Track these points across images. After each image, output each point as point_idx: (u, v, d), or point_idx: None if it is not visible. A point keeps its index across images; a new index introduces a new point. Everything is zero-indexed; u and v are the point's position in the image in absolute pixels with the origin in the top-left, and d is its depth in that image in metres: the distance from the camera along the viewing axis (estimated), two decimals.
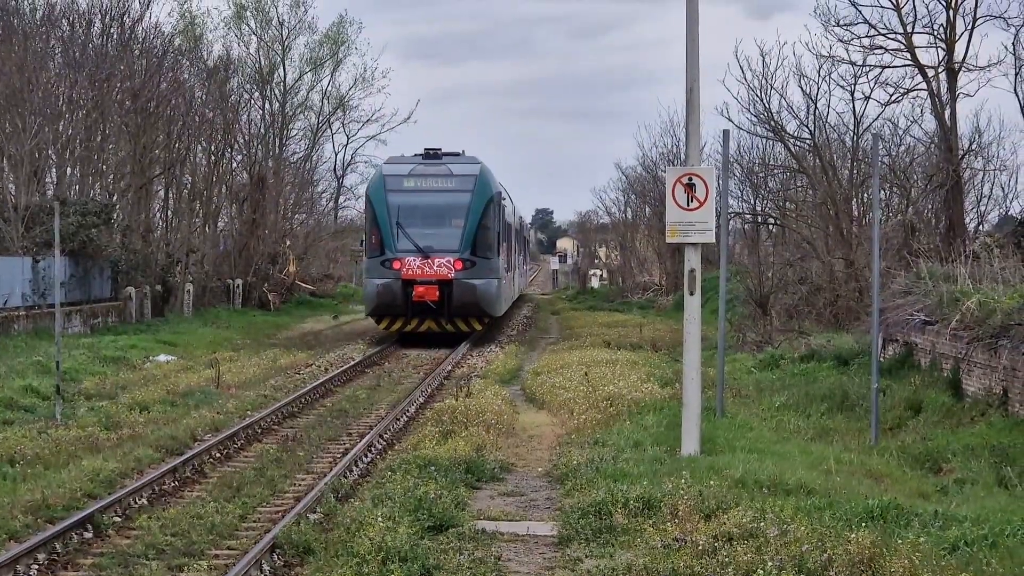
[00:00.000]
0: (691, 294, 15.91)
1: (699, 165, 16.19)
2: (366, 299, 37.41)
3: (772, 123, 36.07)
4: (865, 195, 34.73)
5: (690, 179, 15.88)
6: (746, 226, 46.62)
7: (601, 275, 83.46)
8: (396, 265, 35.76)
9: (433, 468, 15.22)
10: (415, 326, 36.41)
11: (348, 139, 78.78)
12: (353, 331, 42.01)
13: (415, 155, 38.11)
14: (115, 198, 41.20)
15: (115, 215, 39.81)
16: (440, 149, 37.96)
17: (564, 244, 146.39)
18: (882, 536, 11.00)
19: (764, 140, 41.81)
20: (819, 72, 36.76)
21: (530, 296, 70.92)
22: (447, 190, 36.90)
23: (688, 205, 15.85)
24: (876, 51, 33.04)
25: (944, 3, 32.35)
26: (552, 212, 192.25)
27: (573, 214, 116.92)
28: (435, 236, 36.22)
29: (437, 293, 35.55)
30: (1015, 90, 31.67)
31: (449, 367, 29.40)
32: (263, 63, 67.44)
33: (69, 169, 40.24)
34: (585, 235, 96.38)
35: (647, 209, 66.88)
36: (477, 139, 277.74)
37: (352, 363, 29.65)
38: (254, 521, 13.55)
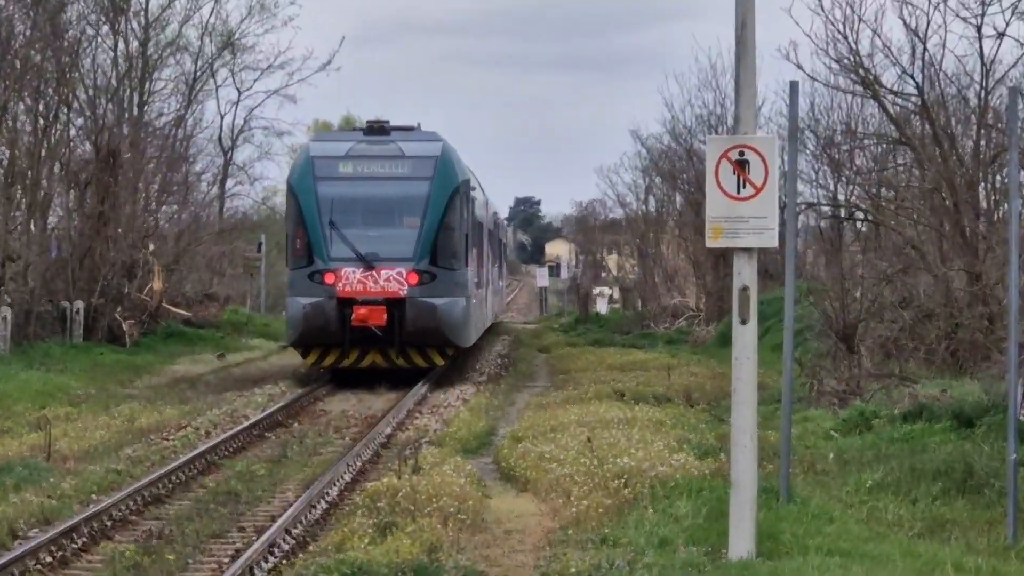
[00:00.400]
0: (743, 322, 15.95)
1: (755, 133, 16.25)
2: (289, 324, 38.71)
3: (861, 72, 36.20)
4: (998, 177, 34.86)
5: (741, 153, 15.93)
6: (823, 223, 46.79)
7: (611, 295, 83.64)
8: (329, 279, 37.02)
9: None
10: (354, 360, 37.62)
11: (240, 95, 78.83)
12: (247, 376, 41.91)
13: (354, 129, 38.89)
14: None
15: None
16: (388, 122, 39.36)
17: (556, 249, 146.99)
18: None
19: (850, 97, 42.05)
20: None
21: (508, 325, 70.96)
22: (398, 177, 38.17)
23: (738, 192, 15.90)
24: None
25: None
26: (539, 203, 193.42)
27: (569, 205, 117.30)
28: (382, 240, 37.46)
29: (384, 316, 36.78)
30: None
31: (388, 429, 29.42)
32: None
33: None
34: (587, 236, 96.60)
35: (678, 198, 67.15)
36: (427, 97, 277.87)
37: (246, 423, 29.62)
38: None
